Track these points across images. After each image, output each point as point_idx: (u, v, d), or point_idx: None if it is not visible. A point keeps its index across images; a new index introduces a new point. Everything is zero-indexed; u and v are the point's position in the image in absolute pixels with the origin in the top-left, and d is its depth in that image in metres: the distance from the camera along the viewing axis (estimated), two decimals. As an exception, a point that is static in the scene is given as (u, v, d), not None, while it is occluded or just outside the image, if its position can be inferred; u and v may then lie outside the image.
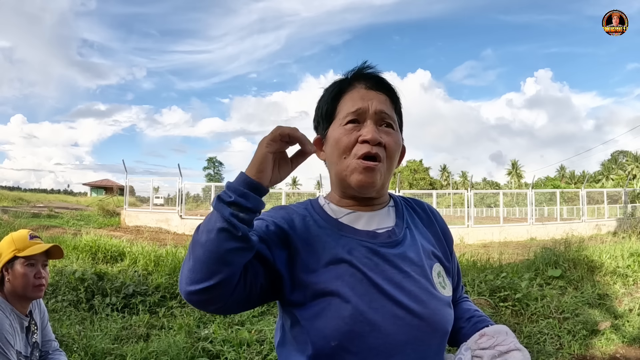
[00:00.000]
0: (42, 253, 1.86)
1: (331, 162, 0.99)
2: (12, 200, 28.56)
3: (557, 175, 76.54)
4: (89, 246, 6.97)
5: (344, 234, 0.95)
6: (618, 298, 5.48)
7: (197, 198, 26.31)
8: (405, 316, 0.87)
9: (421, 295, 0.90)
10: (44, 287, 1.86)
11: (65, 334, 3.79)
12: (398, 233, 0.98)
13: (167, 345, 3.56)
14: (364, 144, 0.93)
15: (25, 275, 1.80)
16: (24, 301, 1.85)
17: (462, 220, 17.98)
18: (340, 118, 0.97)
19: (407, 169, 71.56)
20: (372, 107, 0.95)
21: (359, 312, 0.85)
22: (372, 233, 0.96)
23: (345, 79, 1.02)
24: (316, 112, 1.06)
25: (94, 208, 23.75)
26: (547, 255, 6.69)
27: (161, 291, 5.19)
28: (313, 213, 1.00)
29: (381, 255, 0.92)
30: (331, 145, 0.98)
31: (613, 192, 23.40)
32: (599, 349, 4.14)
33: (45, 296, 4.81)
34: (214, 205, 0.78)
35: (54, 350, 2.04)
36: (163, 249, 6.91)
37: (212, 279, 0.76)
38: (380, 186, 0.98)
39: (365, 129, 0.94)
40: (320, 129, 1.04)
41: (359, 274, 0.89)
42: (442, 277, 0.98)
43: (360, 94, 0.97)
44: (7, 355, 1.67)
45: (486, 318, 1.05)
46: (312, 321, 0.88)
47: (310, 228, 0.95)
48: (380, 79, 1.01)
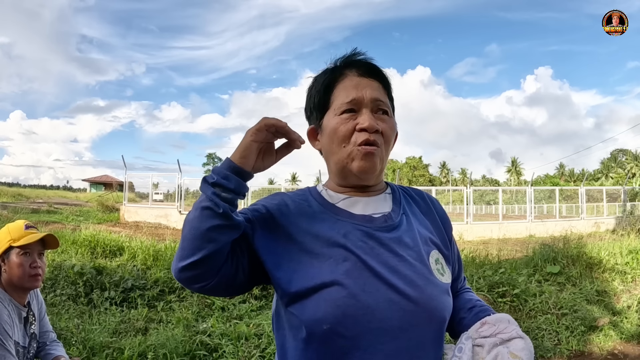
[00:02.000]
0: (38, 243, 1.86)
1: (329, 151, 1.00)
2: (11, 196, 28.52)
3: (557, 173, 76.58)
4: (87, 241, 6.97)
5: (340, 218, 0.96)
6: (616, 295, 5.50)
7: (196, 194, 26.28)
8: (400, 300, 0.86)
9: (417, 280, 0.89)
10: (40, 276, 1.86)
11: (64, 328, 3.79)
12: (394, 218, 0.98)
13: (165, 338, 3.56)
14: (362, 132, 0.93)
15: (21, 265, 1.80)
16: (22, 291, 1.85)
17: (461, 217, 17.99)
18: (334, 108, 0.97)
19: (407, 165, 71.62)
20: (367, 96, 0.96)
21: (352, 296, 0.85)
22: (368, 217, 0.97)
23: (336, 67, 1.02)
24: (308, 101, 1.06)
25: (93, 204, 23.78)
26: (546, 251, 6.70)
27: (160, 285, 5.20)
28: (310, 198, 1.01)
29: (376, 238, 0.92)
30: (328, 135, 0.98)
31: (612, 190, 23.41)
32: (597, 345, 4.15)
33: (44, 290, 4.83)
34: (200, 187, 0.85)
35: (52, 342, 2.04)
36: (162, 244, 6.91)
37: (196, 255, 0.82)
38: (379, 173, 0.99)
39: (362, 117, 0.94)
40: (313, 119, 1.04)
41: (353, 257, 0.89)
42: (440, 264, 0.97)
43: (353, 82, 0.98)
44: (5, 346, 1.67)
45: (488, 308, 1.04)
46: (305, 305, 0.87)
47: (306, 212, 0.97)
48: (372, 65, 1.01)
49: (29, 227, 1.88)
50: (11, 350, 1.69)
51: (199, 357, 3.43)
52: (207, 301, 4.85)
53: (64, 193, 50.29)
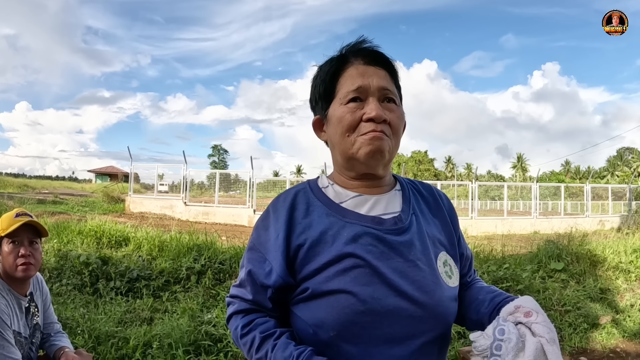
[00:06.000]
0: (28, 231, 1.81)
1: (335, 141, 0.96)
2: (17, 186, 28.75)
3: (562, 170, 76.08)
4: (93, 231, 7.00)
5: (349, 220, 0.92)
6: (620, 293, 5.48)
7: (201, 185, 26.34)
8: (408, 307, 0.85)
9: (426, 286, 0.88)
10: (31, 265, 1.80)
11: (70, 317, 3.83)
12: (404, 220, 0.95)
13: (170, 328, 3.60)
14: (369, 122, 0.90)
15: (10, 254, 1.77)
16: (20, 281, 1.82)
17: (465, 212, 17.96)
18: (340, 97, 0.94)
19: (412, 159, 71.36)
20: (374, 84, 0.93)
21: (360, 303, 0.83)
22: (377, 219, 0.93)
23: (341, 55, 0.98)
24: (313, 91, 1.02)
25: (99, 194, 23.89)
26: (550, 248, 6.67)
27: (165, 276, 5.23)
28: (312, 199, 0.97)
29: (387, 242, 0.90)
30: (334, 124, 0.95)
31: (618, 189, 23.24)
32: (600, 343, 4.15)
33: (49, 280, 4.87)
34: None
35: (56, 333, 2.02)
36: (167, 235, 6.93)
37: None
38: (388, 161, 0.95)
39: (369, 107, 0.91)
40: (318, 109, 1.01)
41: (363, 263, 0.86)
42: (448, 267, 0.96)
43: (359, 70, 0.94)
44: (3, 336, 1.65)
45: (502, 292, 1.00)
46: (313, 312, 0.87)
47: (314, 223, 0.92)
48: (379, 53, 0.98)
49: (19, 215, 1.82)
50: (10, 340, 1.67)
51: (203, 347, 3.46)
52: (212, 292, 4.89)
53: (70, 184, 50.57)
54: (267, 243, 0.93)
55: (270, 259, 0.91)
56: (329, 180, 1.02)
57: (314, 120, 1.03)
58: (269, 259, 0.91)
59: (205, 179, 25.72)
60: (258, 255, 0.93)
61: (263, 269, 0.91)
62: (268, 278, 0.90)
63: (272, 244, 0.91)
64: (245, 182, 18.26)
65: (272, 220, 0.95)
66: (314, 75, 1.02)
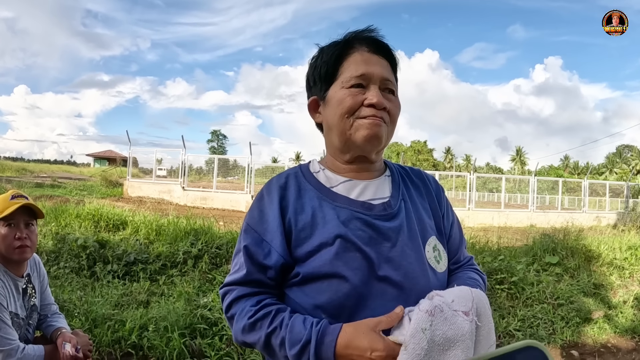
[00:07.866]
0: (24, 213, 1.81)
1: (332, 122, 0.97)
2: (15, 170, 28.69)
3: (561, 165, 76.15)
4: (91, 215, 7.00)
5: (339, 204, 0.94)
6: (613, 289, 5.52)
7: (199, 170, 26.37)
8: (393, 292, 0.88)
9: (411, 272, 0.90)
10: (27, 247, 1.81)
11: (67, 300, 3.85)
12: (393, 205, 0.97)
13: (166, 311, 3.62)
14: (370, 108, 0.93)
15: (6, 237, 1.77)
16: (15, 263, 1.83)
17: (463, 203, 18.05)
18: (342, 80, 0.95)
19: (411, 149, 71.26)
20: (377, 73, 0.95)
21: (352, 287, 0.86)
22: (367, 204, 0.95)
23: (347, 39, 1.00)
24: (312, 71, 1.02)
25: (97, 178, 23.87)
26: (546, 242, 6.71)
27: (162, 259, 5.24)
28: (303, 182, 0.99)
29: (376, 228, 0.92)
30: (333, 106, 0.96)
31: (616, 186, 23.32)
32: (591, 337, 4.19)
33: (47, 263, 4.88)
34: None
35: (53, 314, 2.04)
36: (165, 219, 6.94)
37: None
38: (382, 147, 0.98)
39: (371, 93, 0.93)
40: (316, 89, 1.01)
41: (352, 247, 0.88)
42: (437, 251, 0.98)
43: (364, 57, 0.96)
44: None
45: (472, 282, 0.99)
46: (308, 295, 0.89)
47: (305, 206, 0.94)
48: (383, 44, 1.00)
49: (14, 197, 1.82)
50: (6, 321, 1.68)
51: (199, 330, 3.48)
52: (209, 276, 4.91)
53: (68, 168, 50.49)
54: (264, 224, 0.94)
55: (268, 239, 0.92)
56: (320, 165, 1.04)
57: (310, 101, 1.03)
58: (267, 239, 0.92)
59: (204, 164, 25.70)
60: (255, 236, 0.94)
61: (262, 249, 0.92)
62: (268, 258, 0.91)
63: (270, 225, 0.93)
64: (243, 168, 18.28)
65: (267, 202, 0.96)
66: (314, 56, 1.03)
